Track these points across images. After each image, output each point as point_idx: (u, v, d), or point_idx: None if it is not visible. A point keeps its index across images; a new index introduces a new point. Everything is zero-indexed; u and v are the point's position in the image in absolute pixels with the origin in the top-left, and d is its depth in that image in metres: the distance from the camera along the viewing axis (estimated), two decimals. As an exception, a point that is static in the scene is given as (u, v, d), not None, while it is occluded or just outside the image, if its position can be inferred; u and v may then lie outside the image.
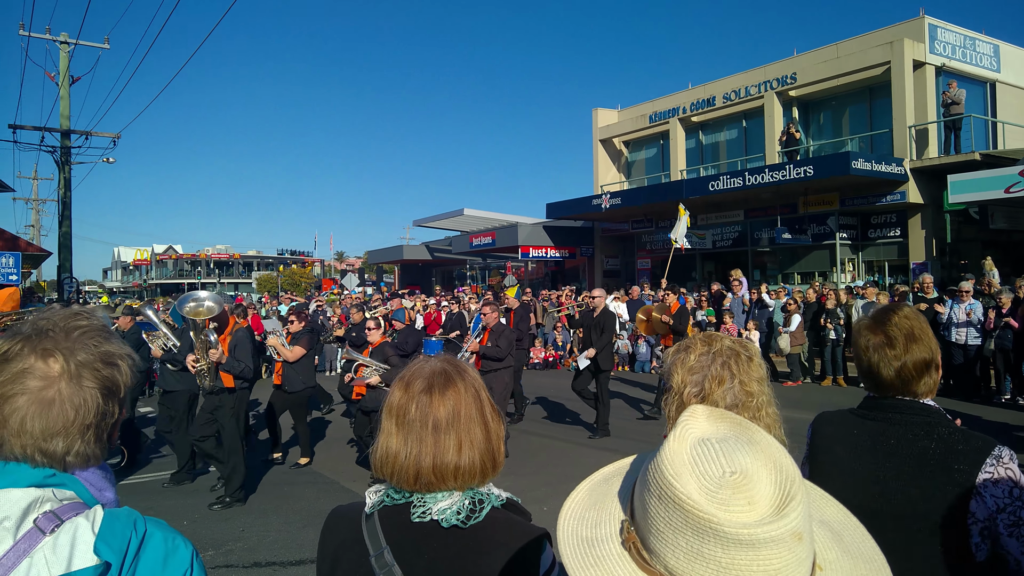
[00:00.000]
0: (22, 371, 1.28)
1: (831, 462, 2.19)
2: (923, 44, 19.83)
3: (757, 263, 23.70)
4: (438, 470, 1.54)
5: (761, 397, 1.81)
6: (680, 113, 26.34)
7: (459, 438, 1.57)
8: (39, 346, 1.31)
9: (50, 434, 1.28)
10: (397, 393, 1.63)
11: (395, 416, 1.60)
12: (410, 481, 1.55)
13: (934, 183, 18.84)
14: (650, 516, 1.02)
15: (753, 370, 1.83)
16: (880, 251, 20.90)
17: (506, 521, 1.58)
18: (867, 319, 2.27)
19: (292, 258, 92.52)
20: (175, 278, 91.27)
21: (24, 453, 1.27)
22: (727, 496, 0.96)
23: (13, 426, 1.27)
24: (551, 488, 7.53)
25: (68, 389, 1.30)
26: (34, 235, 46.03)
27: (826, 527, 1.20)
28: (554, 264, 31.54)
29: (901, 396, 2.15)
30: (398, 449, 1.57)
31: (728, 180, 20.77)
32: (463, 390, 1.63)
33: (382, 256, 42.59)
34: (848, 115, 22.52)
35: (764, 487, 0.97)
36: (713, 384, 1.80)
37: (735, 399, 1.79)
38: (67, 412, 1.29)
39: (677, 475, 0.99)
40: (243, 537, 6.57)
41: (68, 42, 23.60)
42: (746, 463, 1.00)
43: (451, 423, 1.58)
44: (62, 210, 23.93)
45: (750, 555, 0.93)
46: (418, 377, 1.64)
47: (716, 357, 1.83)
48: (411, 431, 1.57)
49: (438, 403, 1.59)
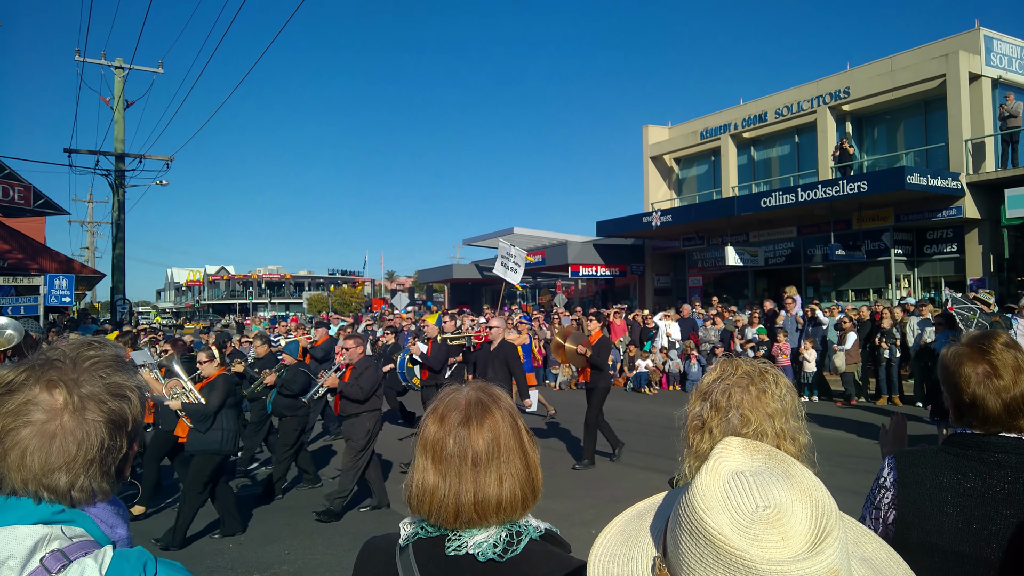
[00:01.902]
0: (26, 402, 1.24)
1: (928, 511, 1.96)
2: (979, 56, 19.46)
3: (810, 280, 23.38)
4: (480, 506, 1.49)
5: (767, 431, 1.66)
6: (732, 129, 26.22)
7: (500, 471, 1.52)
8: (44, 377, 1.26)
9: (51, 469, 1.23)
10: (432, 427, 1.56)
11: (431, 451, 1.54)
12: (450, 519, 1.50)
13: (991, 197, 18.44)
14: (681, 552, 0.99)
15: (765, 402, 1.69)
16: (936, 267, 20.46)
17: (544, 553, 1.52)
18: (963, 347, 2.06)
19: (343, 278, 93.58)
20: (227, 298, 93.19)
21: (26, 488, 1.23)
22: (760, 531, 0.93)
23: (13, 460, 1.22)
24: (598, 511, 7.54)
25: (71, 422, 1.25)
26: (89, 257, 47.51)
27: (867, 564, 1.16)
28: (604, 282, 31.51)
29: (1006, 432, 1.96)
30: (435, 485, 1.51)
31: (781, 196, 20.58)
32: (500, 419, 1.57)
33: (432, 275, 43.01)
34: (903, 129, 22.15)
35: (799, 522, 0.94)
36: (711, 412, 1.71)
37: (733, 430, 1.67)
38: (68, 446, 1.24)
39: (708, 509, 0.96)
40: (288, 560, 6.62)
41: (123, 67, 24.34)
42: (780, 497, 0.96)
43: (491, 456, 1.52)
44: (116, 232, 24.64)
45: None
46: (453, 408, 1.57)
47: (723, 383, 1.74)
48: (449, 466, 1.51)
49: (476, 435, 1.53)
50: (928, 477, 1.99)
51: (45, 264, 24.46)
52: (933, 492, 1.96)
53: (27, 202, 23.64)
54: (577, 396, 18.18)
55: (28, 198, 23.48)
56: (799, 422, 1.73)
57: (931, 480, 1.98)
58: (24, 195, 23.44)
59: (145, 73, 25.02)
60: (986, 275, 18.51)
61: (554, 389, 19.91)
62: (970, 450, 1.97)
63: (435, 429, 1.56)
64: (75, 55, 23.25)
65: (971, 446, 1.97)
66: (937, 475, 1.97)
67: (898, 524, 1.95)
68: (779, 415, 1.69)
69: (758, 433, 1.66)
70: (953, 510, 1.91)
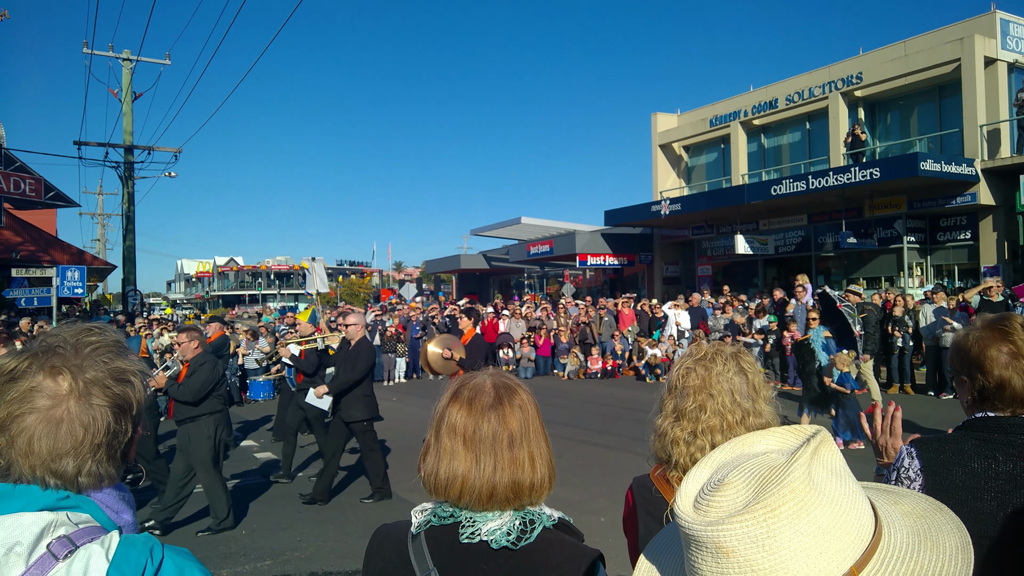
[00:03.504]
0: (30, 389, 1.24)
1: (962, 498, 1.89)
2: (994, 40, 19.20)
3: (821, 268, 23.23)
4: (516, 486, 1.51)
5: (707, 406, 1.82)
6: (741, 116, 26.02)
7: (531, 451, 1.55)
8: (47, 363, 1.27)
9: (58, 454, 1.24)
10: (461, 411, 1.56)
11: (461, 435, 1.54)
12: (484, 500, 1.50)
13: (1006, 184, 18.23)
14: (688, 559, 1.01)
15: (710, 381, 1.84)
16: (949, 254, 20.28)
17: (558, 542, 1.52)
18: (984, 331, 2.04)
19: (351, 268, 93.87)
20: (236, 289, 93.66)
21: (33, 474, 1.23)
22: (704, 501, 0.98)
23: (21, 446, 1.23)
24: (609, 499, 7.51)
25: (77, 407, 1.26)
26: (100, 249, 47.78)
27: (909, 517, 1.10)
28: (613, 272, 31.43)
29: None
30: (468, 469, 1.51)
31: (791, 184, 20.42)
32: (528, 401, 1.61)
33: (440, 266, 43.04)
34: (916, 115, 21.92)
35: (734, 489, 0.97)
36: (667, 394, 1.87)
37: (676, 408, 1.85)
38: (76, 431, 1.25)
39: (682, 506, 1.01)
40: (300, 547, 6.68)
41: (130, 59, 24.37)
42: (732, 473, 0.99)
43: (524, 436, 1.55)
44: (126, 224, 24.77)
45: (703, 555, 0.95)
46: (479, 392, 1.59)
47: (684, 367, 1.89)
48: (483, 448, 1.52)
49: (510, 416, 1.55)
50: (956, 463, 1.94)
51: (57, 256, 24.62)
52: (965, 478, 1.91)
53: (38, 195, 23.73)
54: (586, 385, 18.17)
55: (39, 191, 23.56)
56: (752, 403, 1.84)
57: (961, 466, 1.93)
58: (35, 188, 23.51)
59: (152, 65, 25.18)
60: (1000, 263, 18.32)
61: (562, 379, 19.89)
62: (995, 433, 1.93)
63: (465, 413, 1.56)
64: (83, 47, 23.32)
65: (996, 429, 1.94)
66: (966, 461, 1.92)
67: None
68: (724, 394, 1.82)
69: (697, 408, 1.83)
70: (988, 495, 1.87)
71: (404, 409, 14.95)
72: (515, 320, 22.13)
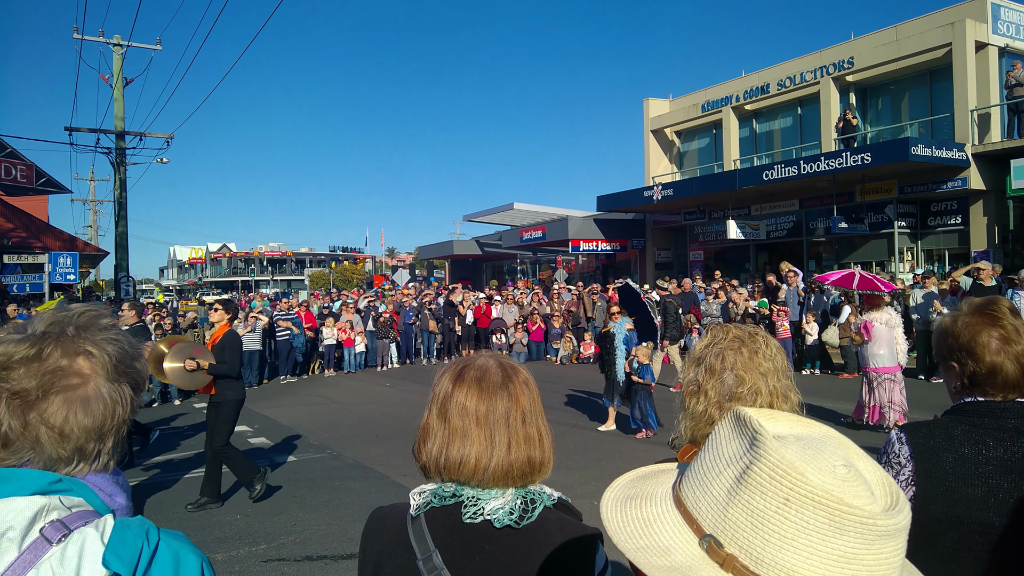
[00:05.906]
0: (56, 369, 1.24)
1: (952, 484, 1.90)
2: (985, 24, 19.25)
3: (812, 253, 23.33)
4: (530, 463, 1.54)
5: (762, 389, 1.73)
6: (733, 102, 26.04)
7: (539, 427, 1.58)
8: (69, 343, 1.26)
9: (90, 433, 1.24)
10: (471, 393, 1.57)
11: (473, 415, 1.54)
12: (499, 478, 1.52)
13: (997, 168, 18.30)
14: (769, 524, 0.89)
15: (757, 362, 1.76)
16: (940, 239, 20.38)
17: (559, 521, 1.53)
18: (973, 316, 2.02)
19: (344, 255, 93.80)
20: (229, 276, 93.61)
21: (59, 455, 1.22)
22: (855, 489, 0.88)
23: (55, 423, 1.21)
24: (602, 483, 7.42)
25: (103, 386, 1.26)
26: (92, 235, 47.40)
27: None
28: (605, 257, 31.48)
29: (1021, 398, 1.95)
30: (481, 449, 1.52)
31: (783, 169, 20.47)
32: (530, 379, 1.64)
33: (432, 252, 43.01)
34: (907, 100, 21.97)
35: (875, 478, 0.93)
36: (706, 376, 1.76)
37: (728, 391, 1.73)
38: (108, 408, 1.26)
39: (803, 473, 0.88)
40: (295, 531, 6.71)
41: (121, 44, 24.05)
42: (845, 456, 0.93)
43: (533, 412, 1.59)
44: (118, 210, 24.54)
45: (891, 545, 0.87)
46: (486, 371, 1.60)
47: (716, 347, 1.79)
48: (498, 427, 1.54)
49: (520, 393, 1.58)
50: (946, 448, 1.93)
51: (49, 242, 24.47)
52: (956, 464, 1.90)
53: (29, 181, 23.63)
54: (579, 370, 18.24)
55: (30, 177, 23.45)
56: (790, 381, 1.80)
57: (950, 451, 1.92)
58: (26, 174, 23.41)
59: (143, 50, 24.78)
60: (990, 247, 18.43)
61: (555, 364, 19.96)
62: (985, 418, 1.92)
63: (476, 393, 1.57)
64: (73, 33, 23.00)
65: (985, 414, 1.93)
66: (956, 446, 1.92)
67: (918, 500, 1.89)
68: (771, 374, 1.76)
69: (753, 392, 1.73)
70: (979, 480, 1.86)
71: (397, 394, 15.02)
72: (507, 306, 22.18)
